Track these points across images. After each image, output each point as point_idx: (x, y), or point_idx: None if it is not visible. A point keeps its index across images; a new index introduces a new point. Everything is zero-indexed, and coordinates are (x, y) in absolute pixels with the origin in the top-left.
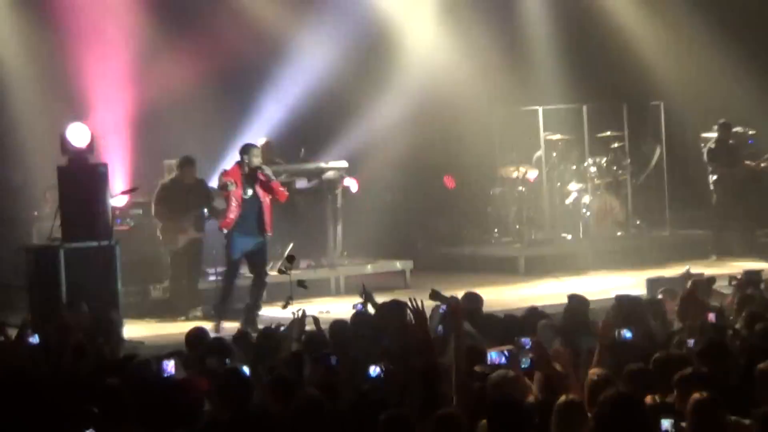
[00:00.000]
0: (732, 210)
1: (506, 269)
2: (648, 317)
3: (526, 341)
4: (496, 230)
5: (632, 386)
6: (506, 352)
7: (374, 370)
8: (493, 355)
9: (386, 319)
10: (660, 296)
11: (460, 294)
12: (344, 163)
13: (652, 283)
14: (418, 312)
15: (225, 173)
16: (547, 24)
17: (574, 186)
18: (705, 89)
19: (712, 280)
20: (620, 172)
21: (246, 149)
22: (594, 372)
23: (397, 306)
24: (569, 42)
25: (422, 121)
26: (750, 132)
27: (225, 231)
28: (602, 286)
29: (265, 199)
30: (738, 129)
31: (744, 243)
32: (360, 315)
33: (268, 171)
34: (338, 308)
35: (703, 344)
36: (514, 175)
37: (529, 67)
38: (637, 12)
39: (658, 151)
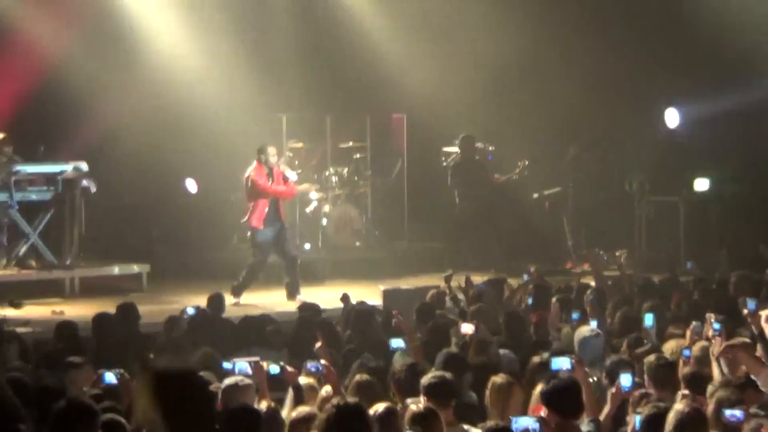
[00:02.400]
0: (472, 224)
1: None
2: (377, 327)
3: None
4: (235, 237)
5: (359, 396)
6: (251, 363)
7: (110, 376)
8: (240, 366)
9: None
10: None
11: (195, 299)
12: (84, 165)
13: (388, 294)
14: None
15: (255, 180)
16: (294, 32)
17: (314, 195)
18: (448, 103)
19: (443, 292)
20: (361, 182)
21: (263, 149)
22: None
23: (131, 308)
24: (315, 51)
25: (165, 124)
26: (490, 147)
27: (256, 226)
28: (339, 295)
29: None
30: (479, 144)
31: (480, 257)
32: (101, 317)
33: (284, 168)
34: (73, 310)
35: (444, 357)
36: None
37: (274, 75)
38: (383, 24)
39: (399, 164)
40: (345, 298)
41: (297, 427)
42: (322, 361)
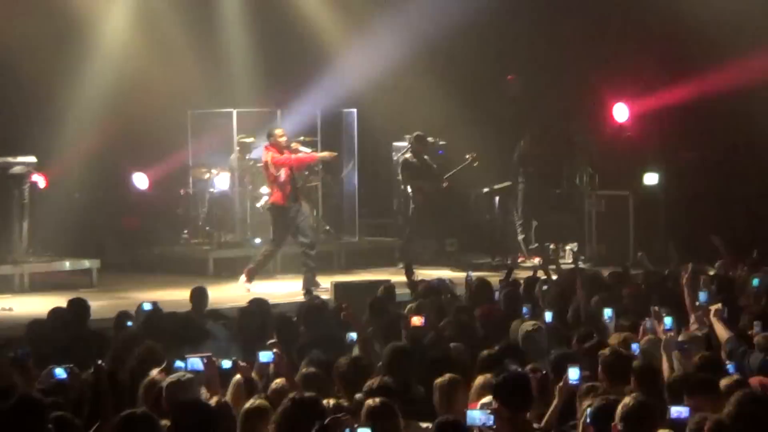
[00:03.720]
0: (424, 220)
1: (195, 270)
2: (329, 320)
3: None
4: (185, 231)
5: (309, 389)
6: (203, 358)
7: (60, 372)
8: (193, 362)
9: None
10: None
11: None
12: (32, 159)
13: (338, 288)
14: None
15: (273, 157)
16: (244, 27)
17: (265, 189)
18: (398, 98)
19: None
20: (312, 177)
21: (271, 132)
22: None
23: (82, 304)
24: (266, 45)
25: (115, 119)
26: (440, 143)
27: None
28: (290, 289)
29: (294, 173)
30: (429, 139)
31: (432, 251)
32: (55, 312)
33: (295, 145)
34: (23, 305)
35: (390, 350)
36: (206, 176)
37: (225, 69)
38: (334, 19)
39: (351, 161)
40: (308, 293)
41: (251, 420)
42: (275, 350)
